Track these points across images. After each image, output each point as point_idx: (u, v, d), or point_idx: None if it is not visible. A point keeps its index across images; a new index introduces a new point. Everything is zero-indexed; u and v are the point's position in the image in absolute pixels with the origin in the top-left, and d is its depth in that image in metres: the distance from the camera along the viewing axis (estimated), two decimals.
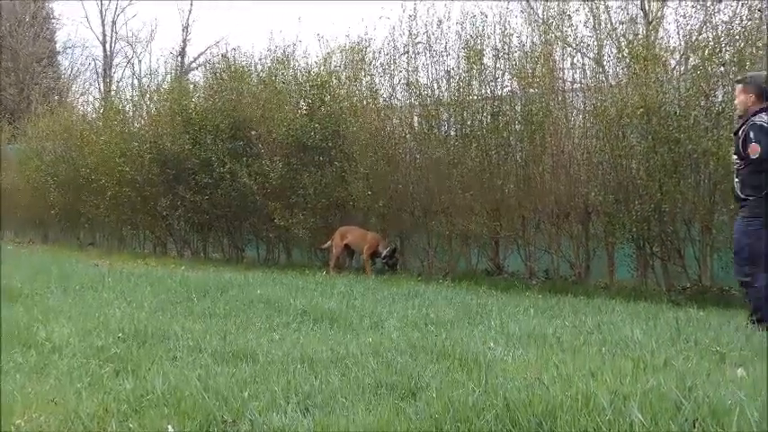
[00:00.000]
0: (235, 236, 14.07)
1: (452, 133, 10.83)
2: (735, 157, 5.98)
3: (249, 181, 12.24)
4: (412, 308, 6.83)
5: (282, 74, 12.73)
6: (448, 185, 10.48)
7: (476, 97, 10.34)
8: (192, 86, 15.16)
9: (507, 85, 10.32)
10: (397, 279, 10.02)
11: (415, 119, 11.25)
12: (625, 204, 8.95)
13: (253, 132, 12.43)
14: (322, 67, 12.27)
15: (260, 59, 13.46)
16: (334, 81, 12.02)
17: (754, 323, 5.76)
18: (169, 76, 16.80)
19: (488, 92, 10.29)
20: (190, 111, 13.42)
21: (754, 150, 5.70)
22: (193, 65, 30.77)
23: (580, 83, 9.89)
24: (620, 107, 8.74)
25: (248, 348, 4.91)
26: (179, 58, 30.17)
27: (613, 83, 9.32)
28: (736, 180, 5.96)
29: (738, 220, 6.02)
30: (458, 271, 10.65)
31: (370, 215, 11.32)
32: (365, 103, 11.69)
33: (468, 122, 10.53)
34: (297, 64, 12.79)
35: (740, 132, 5.86)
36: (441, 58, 10.87)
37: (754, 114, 5.80)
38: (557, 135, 9.64)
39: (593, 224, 9.50)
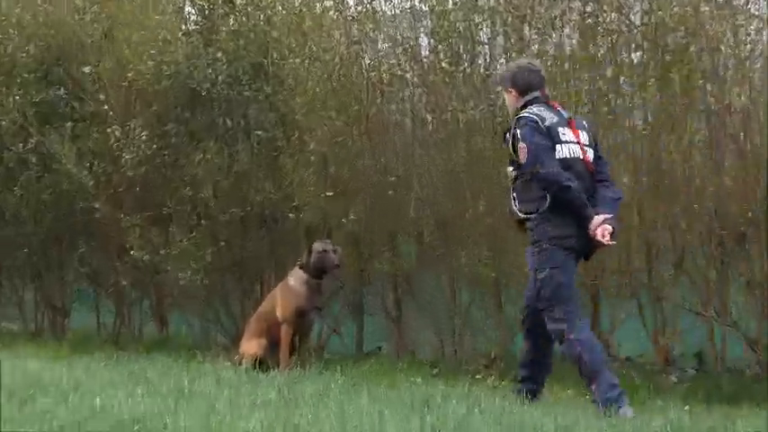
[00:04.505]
0: (49, 284, 12.51)
1: (502, 64, 9.43)
2: (510, 168, 6.77)
3: (79, 169, 10.58)
4: None
5: None
6: (494, 180, 9.06)
7: None
8: None
9: None
10: (390, 371, 8.68)
11: (423, 41, 9.78)
12: None
13: (86, 69, 10.67)
14: None
15: None
16: None
17: (596, 401, 6.28)
18: None
19: None
20: None
21: (523, 153, 6.50)
22: None
23: None
24: None
25: None
26: None
27: None
28: (513, 195, 6.72)
29: (528, 249, 6.75)
30: (513, 357, 9.05)
31: (332, 238, 9.60)
32: (320, 9, 10.33)
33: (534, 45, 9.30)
34: None
35: (508, 135, 6.71)
36: None
37: (521, 110, 6.78)
38: (717, 78, 8.37)
39: None
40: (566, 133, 6.57)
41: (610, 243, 6.46)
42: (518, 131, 6.50)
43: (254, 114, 10.14)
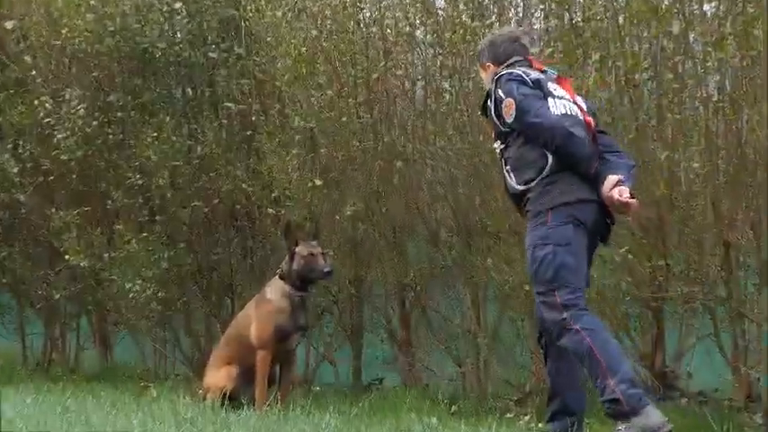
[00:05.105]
0: None
1: (538, 19, 8.80)
2: (497, 143, 6.46)
3: (0, 152, 10.93)
4: None
5: None
6: None
7: None
8: None
9: None
10: (396, 409, 8.10)
11: None
12: None
13: (8, 25, 10.45)
14: None
15: None
16: None
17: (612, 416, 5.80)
18: None
19: None
20: None
21: (510, 109, 6.18)
22: None
23: None
24: None
25: None
26: None
27: None
28: (507, 169, 6.38)
29: (528, 225, 6.36)
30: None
31: (324, 242, 8.59)
32: None
33: None
34: None
35: (489, 103, 6.43)
36: None
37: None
38: None
39: None
40: (557, 89, 6.17)
41: (631, 201, 5.92)
42: (500, 91, 6.11)
43: (222, 81, 9.77)
